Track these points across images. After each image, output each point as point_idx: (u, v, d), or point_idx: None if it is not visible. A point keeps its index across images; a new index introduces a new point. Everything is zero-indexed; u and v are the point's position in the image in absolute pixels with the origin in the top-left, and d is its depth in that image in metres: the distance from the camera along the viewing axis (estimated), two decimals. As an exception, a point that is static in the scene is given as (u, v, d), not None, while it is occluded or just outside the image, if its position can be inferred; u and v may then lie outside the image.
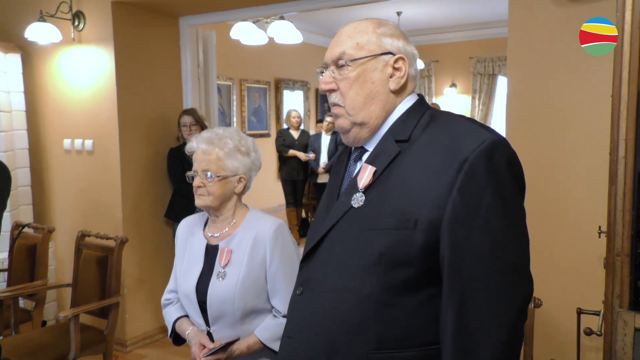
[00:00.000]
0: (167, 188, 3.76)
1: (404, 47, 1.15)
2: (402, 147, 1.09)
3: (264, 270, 1.72)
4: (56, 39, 3.39)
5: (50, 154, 3.81)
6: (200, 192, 1.74)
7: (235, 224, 1.79)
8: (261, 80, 7.86)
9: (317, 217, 1.24)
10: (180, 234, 1.90)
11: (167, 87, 3.77)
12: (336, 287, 1.09)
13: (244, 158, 1.77)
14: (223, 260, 1.72)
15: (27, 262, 3.16)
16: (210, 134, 1.76)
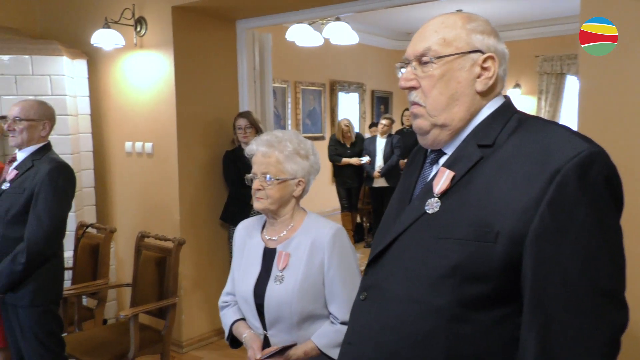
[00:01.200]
0: (222, 191, 3.85)
1: (495, 46, 1.10)
2: (485, 152, 1.04)
3: (321, 275, 1.73)
4: (119, 45, 3.56)
5: (112, 157, 4.00)
6: (259, 195, 1.77)
7: (293, 227, 1.80)
8: (316, 83, 7.91)
9: (385, 220, 1.22)
10: (238, 236, 1.93)
11: (223, 90, 3.87)
12: (403, 297, 1.05)
13: (302, 161, 1.79)
14: (281, 263, 1.75)
15: (90, 261, 3.33)
16: (269, 136, 1.79)
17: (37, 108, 2.50)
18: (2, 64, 3.50)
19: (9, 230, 2.39)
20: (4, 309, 2.50)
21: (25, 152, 2.51)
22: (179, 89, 3.55)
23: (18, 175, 2.47)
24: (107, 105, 3.98)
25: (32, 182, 2.41)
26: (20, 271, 2.34)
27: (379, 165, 6.10)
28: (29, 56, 3.54)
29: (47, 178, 2.40)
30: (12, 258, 2.34)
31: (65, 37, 4.00)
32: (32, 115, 2.47)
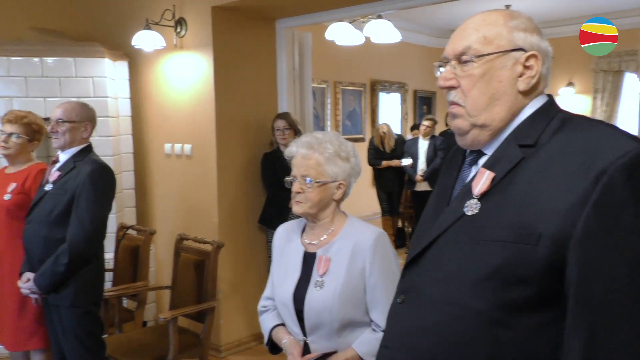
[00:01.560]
0: (260, 194, 3.89)
1: (538, 43, 1.09)
2: (526, 152, 1.04)
3: (362, 281, 1.72)
4: (160, 46, 3.65)
5: (152, 158, 4.10)
6: (299, 199, 1.78)
7: (333, 231, 1.80)
8: (356, 83, 7.90)
9: (422, 222, 1.22)
10: (277, 240, 1.95)
11: (262, 90, 3.91)
12: (442, 300, 1.06)
13: (343, 163, 1.78)
14: (321, 268, 1.75)
15: (130, 263, 3.42)
16: (310, 138, 1.79)
17: (78, 110, 2.59)
18: (46, 66, 3.65)
19: (52, 231, 2.48)
20: (46, 310, 2.60)
21: (68, 154, 2.60)
22: (218, 90, 3.60)
23: (60, 176, 2.56)
24: (147, 107, 4.09)
25: (74, 183, 2.50)
26: (62, 272, 2.42)
27: (422, 169, 6.03)
28: (72, 58, 3.67)
29: (88, 179, 2.48)
30: (55, 259, 2.43)
31: (107, 39, 4.14)
32: (74, 117, 2.56)
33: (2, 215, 2.72)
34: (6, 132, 2.77)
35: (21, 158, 2.83)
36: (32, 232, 2.53)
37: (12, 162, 2.85)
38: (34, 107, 3.42)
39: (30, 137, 2.81)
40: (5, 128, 2.78)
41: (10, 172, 2.85)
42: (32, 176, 2.77)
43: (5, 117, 2.82)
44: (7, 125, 2.78)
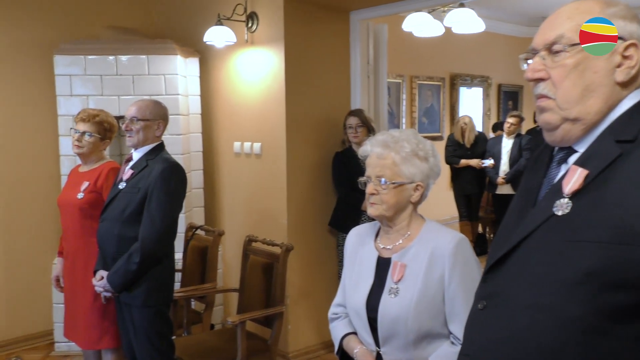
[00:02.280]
0: (331, 195, 3.92)
1: (638, 32, 1.06)
2: (624, 148, 1.01)
3: (441, 289, 1.70)
4: (231, 41, 3.77)
5: (221, 157, 4.24)
6: (373, 200, 1.78)
7: (410, 236, 1.79)
8: (434, 77, 7.78)
9: (505, 224, 1.21)
10: (349, 244, 1.96)
11: (334, 86, 3.94)
12: (530, 305, 1.04)
13: (421, 163, 1.77)
14: (396, 275, 1.74)
15: (199, 264, 3.55)
16: (385, 136, 1.79)
17: (152, 108, 2.72)
18: (121, 64, 3.87)
19: (125, 230, 2.62)
20: (118, 309, 2.76)
21: (140, 152, 2.74)
22: (289, 87, 3.67)
23: (133, 174, 2.70)
24: (216, 104, 4.23)
25: (146, 181, 2.63)
26: (134, 270, 2.56)
27: (504, 170, 5.83)
28: (145, 56, 3.87)
29: (160, 178, 2.60)
30: (127, 257, 2.57)
31: (179, 35, 4.32)
32: (148, 115, 2.70)
33: (76, 213, 2.91)
34: (79, 130, 2.96)
35: (93, 157, 3.01)
36: (106, 230, 2.69)
37: (85, 160, 3.03)
38: (109, 105, 3.65)
39: (102, 135, 2.99)
40: (78, 127, 2.97)
41: (83, 170, 3.04)
42: (103, 175, 2.94)
43: (78, 116, 3.01)
44: (80, 124, 2.97)
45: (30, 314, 4.14)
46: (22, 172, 4.11)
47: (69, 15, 4.23)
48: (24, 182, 4.11)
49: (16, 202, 4.10)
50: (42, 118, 4.12)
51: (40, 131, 4.14)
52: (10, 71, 4.03)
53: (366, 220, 3.51)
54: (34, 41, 4.07)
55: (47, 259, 4.04)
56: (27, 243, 4.13)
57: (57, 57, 3.84)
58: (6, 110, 4.03)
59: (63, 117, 3.85)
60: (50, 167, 4.09)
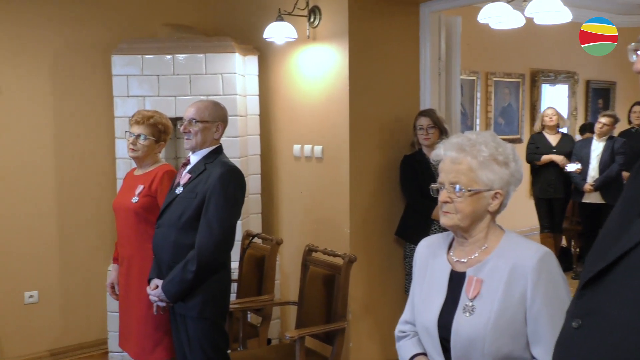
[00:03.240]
0: (399, 202, 3.90)
1: None
2: None
3: (523, 309, 1.65)
4: (292, 38, 3.82)
5: (279, 161, 4.30)
6: (447, 209, 1.76)
7: (487, 248, 1.76)
8: (512, 73, 7.60)
9: (604, 236, 1.17)
10: (419, 256, 1.94)
11: (402, 85, 3.92)
12: (633, 325, 1.01)
13: (501, 169, 1.74)
14: (471, 291, 1.71)
15: (255, 275, 3.61)
16: (460, 139, 1.77)
17: (211, 109, 2.80)
18: (178, 63, 4.01)
19: (181, 237, 2.70)
20: (173, 319, 2.84)
21: (198, 155, 2.82)
22: (353, 85, 3.68)
23: (191, 179, 2.78)
24: (276, 105, 4.30)
25: (204, 186, 2.70)
26: (190, 280, 2.63)
27: (592, 176, 5.59)
28: (202, 54, 3.99)
29: (218, 183, 2.67)
30: (183, 265, 2.64)
31: (237, 32, 4.42)
32: (207, 117, 2.77)
33: (131, 218, 3.03)
34: (134, 133, 3.07)
35: (148, 160, 3.12)
36: (162, 237, 2.78)
37: (140, 164, 3.15)
38: (165, 106, 3.78)
39: (157, 137, 3.09)
40: (133, 129, 3.09)
41: (138, 174, 3.16)
42: (158, 178, 3.04)
43: (132, 118, 3.12)
44: (134, 127, 3.08)
45: (85, 321, 4.34)
46: (78, 175, 4.31)
47: (126, 14, 4.42)
48: (79, 185, 4.32)
49: (71, 206, 4.31)
50: (99, 120, 4.32)
51: (96, 133, 4.34)
52: (68, 72, 4.24)
53: (437, 230, 3.49)
54: (91, 41, 4.28)
55: (102, 265, 4.22)
56: (82, 248, 4.33)
57: (115, 57, 4.01)
58: (63, 111, 4.25)
59: (119, 119, 4.02)
60: (106, 170, 4.28)
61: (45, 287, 4.22)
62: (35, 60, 4.13)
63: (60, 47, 4.22)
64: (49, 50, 4.17)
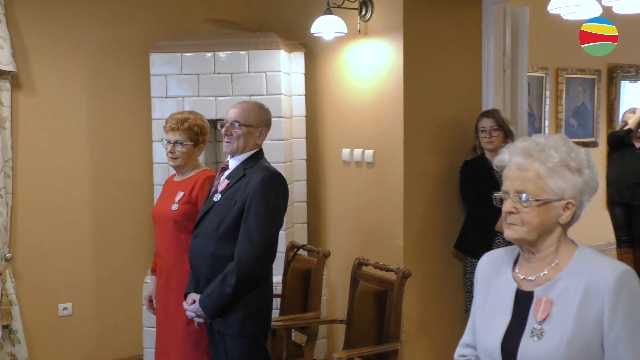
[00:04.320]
0: (458, 212, 3.86)
1: None
2: None
3: (599, 334, 1.61)
4: (341, 32, 3.83)
5: (327, 166, 4.31)
6: (512, 220, 1.72)
7: (557, 265, 1.72)
8: (587, 69, 7.42)
9: None
10: (481, 272, 1.92)
11: (463, 83, 3.88)
12: None
13: (573, 176, 1.69)
14: (540, 313, 1.67)
15: (300, 290, 3.62)
16: (527, 143, 1.73)
17: (256, 112, 2.82)
18: (219, 61, 4.07)
19: (220, 247, 2.73)
20: (211, 337, 2.87)
21: (237, 160, 2.85)
22: (408, 84, 3.66)
23: (229, 185, 2.81)
24: (323, 105, 4.32)
25: (244, 193, 2.73)
26: (230, 294, 2.65)
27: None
28: (245, 52, 4.05)
29: (259, 189, 2.69)
30: (222, 279, 2.67)
31: (282, 27, 4.46)
32: (251, 121, 2.80)
33: (170, 227, 3.09)
34: (171, 140, 3.13)
35: (189, 165, 3.18)
36: (199, 248, 2.81)
37: (180, 170, 3.21)
38: (205, 107, 3.85)
39: (195, 141, 3.15)
40: (169, 136, 3.15)
41: (178, 180, 3.21)
42: (199, 184, 3.09)
43: (167, 124, 3.18)
44: (170, 134, 3.14)
45: (120, 336, 4.44)
46: (114, 182, 4.43)
47: (165, 10, 4.52)
48: (115, 192, 4.43)
49: (107, 215, 4.42)
50: (136, 122, 4.43)
51: (133, 136, 4.45)
52: (105, 72, 4.37)
53: (501, 243, 3.44)
54: (129, 39, 4.40)
55: (139, 277, 4.31)
56: (117, 259, 4.44)
57: (153, 55, 4.11)
58: (99, 113, 4.38)
59: (157, 121, 4.11)
60: (143, 176, 4.37)
61: (80, 300, 4.35)
62: (71, 60, 4.28)
63: (97, 46, 4.35)
64: (85, 50, 4.31)
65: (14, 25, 4.05)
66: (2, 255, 3.99)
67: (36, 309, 4.21)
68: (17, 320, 4.05)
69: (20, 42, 4.09)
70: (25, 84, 4.14)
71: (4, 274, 3.98)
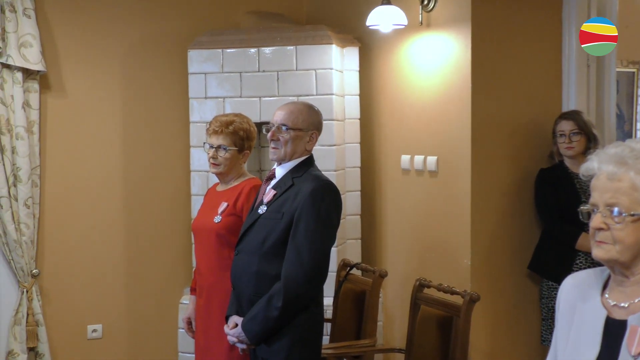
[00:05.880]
0: (534, 227, 3.81)
1: None
2: None
3: None
4: (400, 25, 3.82)
5: (384, 175, 4.30)
6: (601, 238, 1.68)
7: (655, 291, 1.67)
8: (685, 63, 7.22)
9: None
10: (563, 297, 1.88)
11: (539, 81, 3.85)
12: None
13: (675, 188, 1.64)
14: (635, 346, 1.63)
15: (353, 313, 3.60)
16: (620, 149, 1.70)
17: (306, 114, 2.83)
18: (264, 58, 4.11)
19: (265, 265, 2.74)
20: (254, 365, 2.88)
21: (285, 168, 2.86)
22: (477, 82, 3.63)
23: (276, 196, 2.82)
24: (380, 106, 4.31)
25: (292, 205, 2.73)
26: (276, 317, 2.65)
27: None
28: (293, 47, 4.08)
29: (309, 201, 2.69)
30: (267, 301, 2.67)
31: (334, 19, 4.47)
32: (300, 124, 2.80)
33: (212, 240, 3.12)
34: (213, 145, 3.16)
35: (233, 173, 3.21)
36: (242, 266, 2.83)
37: (223, 179, 3.24)
38: (248, 109, 3.88)
39: (240, 147, 3.18)
40: (211, 140, 3.18)
41: (221, 189, 3.25)
42: (244, 194, 3.12)
43: (210, 127, 3.22)
44: (213, 137, 3.18)
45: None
46: (148, 192, 4.50)
47: (205, 3, 4.58)
48: (149, 203, 4.50)
49: (140, 228, 4.50)
50: (172, 125, 4.50)
51: (169, 141, 4.52)
52: (139, 71, 4.45)
53: (582, 264, 3.38)
54: (166, 35, 4.46)
55: (175, 297, 4.39)
56: (152, 277, 4.49)
57: (192, 52, 4.18)
58: (133, 116, 4.46)
59: (195, 125, 4.17)
60: (181, 186, 4.45)
61: (110, 321, 4.42)
62: (103, 59, 4.36)
63: (131, 43, 4.43)
64: (118, 47, 4.39)
65: (44, 21, 4.16)
66: (29, 271, 4.10)
67: (64, 330, 4.30)
68: (43, 343, 4.15)
69: (50, 39, 4.20)
70: (55, 85, 4.26)
71: (30, 291, 4.09)
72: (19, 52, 3.96)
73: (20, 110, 4.01)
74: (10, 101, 4.00)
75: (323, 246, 2.70)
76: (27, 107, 4.07)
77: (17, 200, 4.04)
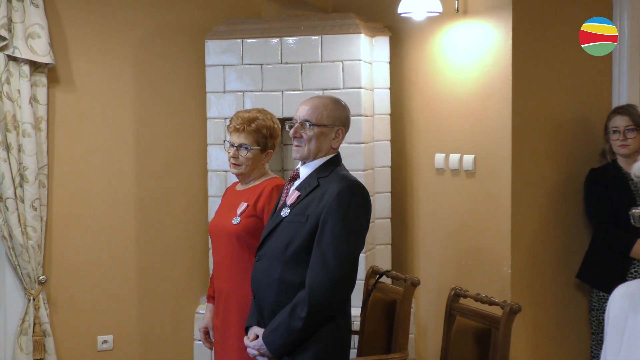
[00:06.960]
0: (583, 233, 3.79)
1: None
2: None
3: None
4: (435, 12, 3.81)
5: (416, 175, 4.29)
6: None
7: None
8: None
9: None
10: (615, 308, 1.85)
11: (587, 73, 3.82)
12: None
13: None
14: (692, 361, 1.61)
15: (383, 324, 3.58)
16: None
17: (331, 109, 2.82)
18: (286, 48, 4.12)
19: (288, 272, 2.73)
20: (277, 379, 2.88)
21: (310, 167, 2.85)
22: (518, 74, 3.61)
23: (300, 198, 2.81)
24: (412, 101, 4.30)
25: (317, 208, 2.72)
26: (299, 328, 2.65)
27: None
28: (318, 37, 4.08)
29: (335, 203, 2.68)
30: (291, 310, 2.67)
31: (363, 7, 4.47)
32: (325, 119, 2.79)
33: (231, 243, 3.13)
34: (234, 143, 3.17)
35: (254, 174, 3.21)
36: (263, 272, 2.83)
37: (243, 179, 3.25)
38: (270, 104, 3.87)
39: (262, 146, 3.18)
40: (232, 139, 3.19)
41: (240, 189, 3.26)
42: (265, 194, 3.13)
43: (231, 123, 3.22)
44: (234, 135, 3.18)
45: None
46: (162, 193, 4.53)
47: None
48: (164, 205, 4.53)
49: (154, 231, 4.52)
50: (189, 122, 4.52)
51: (185, 139, 4.54)
52: (153, 62, 4.48)
53: (637, 273, 3.39)
54: (182, 24, 4.48)
55: (190, 305, 4.42)
56: (165, 284, 4.52)
57: (209, 43, 4.20)
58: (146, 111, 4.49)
59: (213, 121, 4.19)
60: (197, 186, 4.48)
61: (121, 331, 4.45)
62: (115, 51, 4.39)
63: (144, 33, 4.45)
64: (130, 38, 4.42)
65: (53, 10, 4.20)
66: (35, 278, 4.14)
67: (72, 341, 4.34)
68: (51, 354, 4.19)
69: (59, 30, 4.24)
70: (64, 79, 4.29)
71: (37, 299, 4.13)
72: (26, 44, 3.99)
73: (27, 105, 4.04)
74: (17, 96, 4.04)
75: (350, 252, 2.70)
76: (34, 102, 4.11)
77: (23, 201, 4.07)
